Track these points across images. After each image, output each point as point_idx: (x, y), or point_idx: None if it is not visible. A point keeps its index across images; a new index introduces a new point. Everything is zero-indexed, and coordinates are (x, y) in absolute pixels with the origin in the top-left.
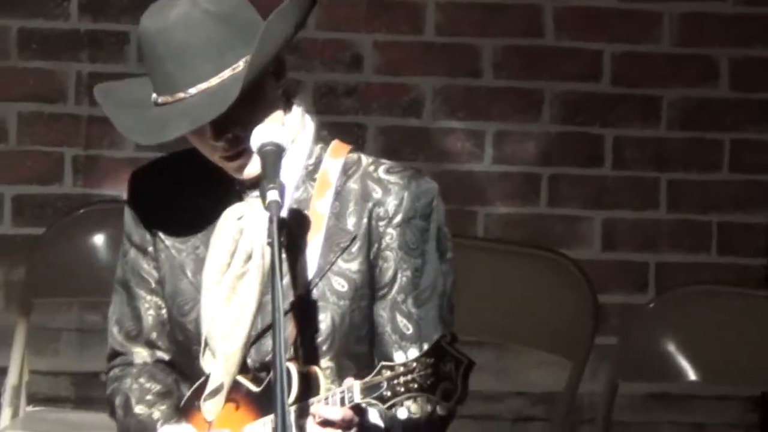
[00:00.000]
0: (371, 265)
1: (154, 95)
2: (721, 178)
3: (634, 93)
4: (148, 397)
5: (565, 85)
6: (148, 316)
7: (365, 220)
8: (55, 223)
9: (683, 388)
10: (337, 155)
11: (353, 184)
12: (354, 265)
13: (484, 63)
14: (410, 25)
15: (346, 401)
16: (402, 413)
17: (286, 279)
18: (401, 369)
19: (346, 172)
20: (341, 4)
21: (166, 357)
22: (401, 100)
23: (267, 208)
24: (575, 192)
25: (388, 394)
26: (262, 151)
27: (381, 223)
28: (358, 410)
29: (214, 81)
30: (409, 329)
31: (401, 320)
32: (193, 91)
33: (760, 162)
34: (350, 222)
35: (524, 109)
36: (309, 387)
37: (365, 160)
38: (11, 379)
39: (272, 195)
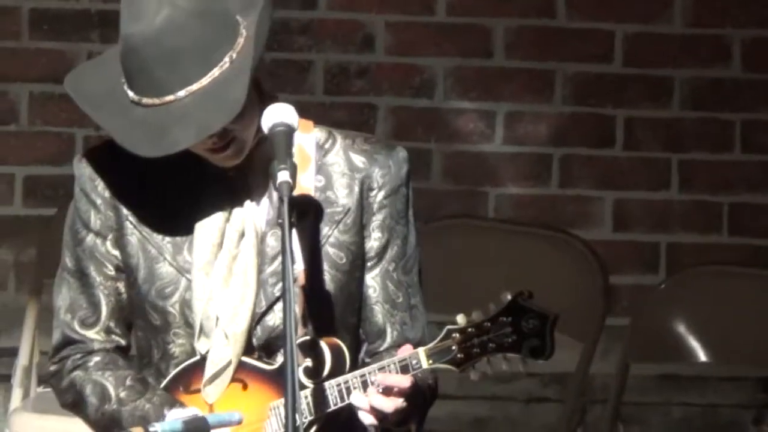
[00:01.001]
0: (363, 236)
1: (132, 94)
2: (732, 159)
3: (645, 74)
4: (129, 383)
5: (576, 66)
6: (106, 303)
7: (357, 191)
8: (67, 204)
9: (694, 369)
10: (306, 130)
11: (335, 157)
12: (349, 237)
13: (496, 44)
14: (422, 5)
15: (411, 369)
16: (474, 375)
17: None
18: (473, 330)
19: (323, 146)
20: None
21: (123, 342)
22: (413, 81)
23: (278, 188)
24: (586, 172)
25: (461, 356)
26: (273, 132)
27: (371, 194)
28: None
29: (204, 81)
30: (399, 297)
31: (392, 289)
32: (182, 93)
33: None
34: (341, 194)
35: (536, 90)
36: (338, 359)
37: (338, 134)
38: (22, 359)
39: (283, 176)
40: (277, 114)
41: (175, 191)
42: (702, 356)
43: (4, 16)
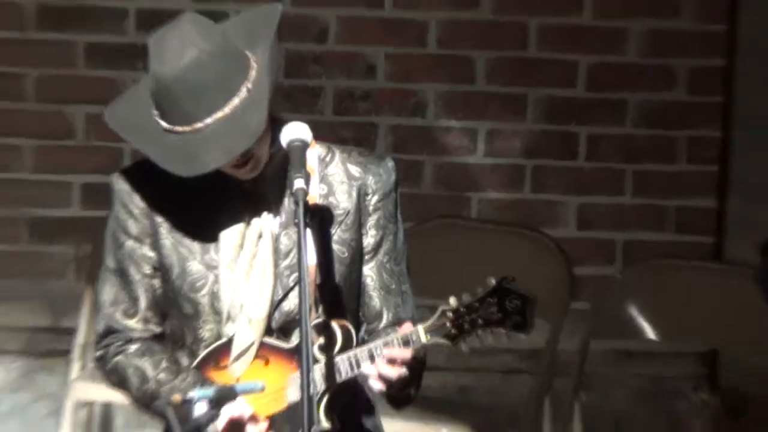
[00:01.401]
0: (361, 234)
1: (164, 124)
2: (678, 169)
3: (604, 97)
4: (165, 364)
5: (546, 91)
6: (144, 298)
7: (354, 196)
8: None
9: (645, 345)
10: (309, 147)
11: (335, 168)
12: (350, 235)
13: (478, 72)
14: (416, 39)
15: (412, 343)
16: (465, 347)
17: (292, 254)
18: (464, 310)
19: (324, 159)
20: (358, 22)
21: (158, 331)
22: (408, 103)
23: (294, 194)
24: (554, 181)
25: (454, 331)
26: (291, 146)
27: (367, 198)
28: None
29: (227, 109)
30: (393, 284)
31: (386, 277)
32: (209, 120)
33: (710, 156)
34: (341, 199)
35: (511, 111)
36: (347, 337)
37: (336, 149)
38: (79, 338)
39: (299, 183)
40: (294, 131)
41: (201, 201)
42: (651, 334)
43: (63, 48)
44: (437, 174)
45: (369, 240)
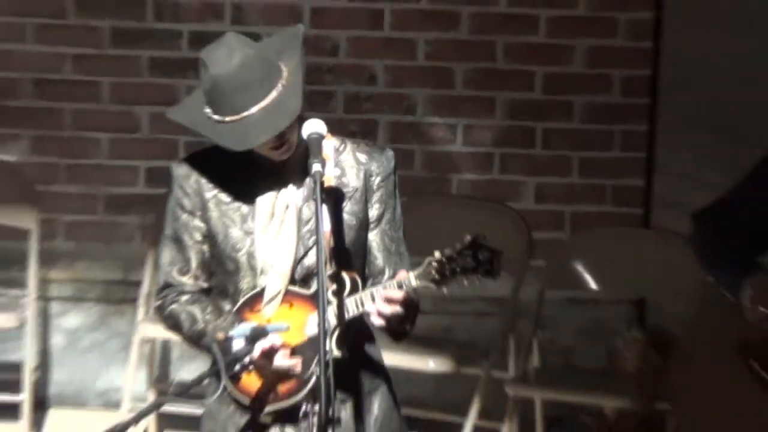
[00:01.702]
0: (367, 207)
1: (217, 117)
2: (614, 156)
3: (556, 99)
4: (210, 309)
5: (510, 94)
6: (195, 259)
7: (362, 177)
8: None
9: (588, 294)
10: (327, 139)
11: (346, 156)
12: (357, 207)
13: (457, 79)
14: (408, 54)
15: (404, 286)
16: (446, 290)
17: (312, 221)
18: (445, 260)
19: (338, 149)
20: (362, 40)
21: (205, 286)
22: (402, 104)
23: (312, 175)
24: (517, 165)
25: (438, 277)
26: (310, 138)
27: (371, 179)
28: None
29: (267, 100)
30: (392, 247)
31: (388, 242)
32: (254, 110)
33: (639, 145)
34: (352, 180)
35: (483, 110)
36: (354, 285)
37: (347, 141)
38: (144, 288)
39: (317, 167)
40: (313, 126)
41: (240, 182)
42: (593, 286)
43: (131, 61)
44: (425, 160)
45: (373, 212)
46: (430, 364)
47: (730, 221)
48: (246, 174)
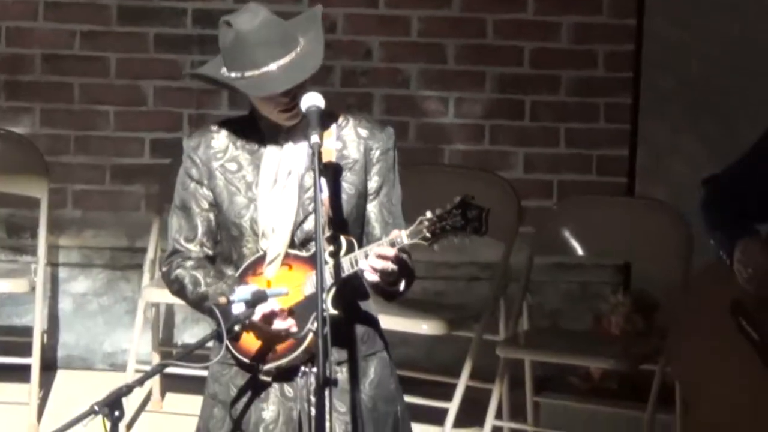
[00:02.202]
0: (366, 179)
1: (234, 74)
2: (599, 128)
3: (543, 73)
4: (213, 274)
5: (500, 69)
6: (201, 227)
7: (362, 150)
8: (177, 157)
9: (574, 259)
10: (332, 115)
11: (348, 131)
12: (357, 178)
13: (449, 55)
14: (402, 30)
15: (396, 243)
16: (437, 247)
17: (312, 188)
18: (435, 219)
19: (340, 125)
20: (359, 17)
21: (210, 253)
22: (396, 78)
23: (311, 145)
24: (507, 136)
25: (429, 235)
26: (308, 110)
27: (371, 152)
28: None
29: (287, 59)
30: (390, 219)
31: (386, 213)
32: (273, 66)
33: (623, 117)
34: (352, 153)
35: (474, 84)
36: (350, 246)
37: (350, 117)
38: (149, 254)
39: (315, 138)
40: (311, 99)
41: (246, 152)
42: (580, 251)
43: (137, 37)
44: (418, 131)
45: (372, 184)
46: (424, 327)
47: (735, 188)
48: (251, 145)
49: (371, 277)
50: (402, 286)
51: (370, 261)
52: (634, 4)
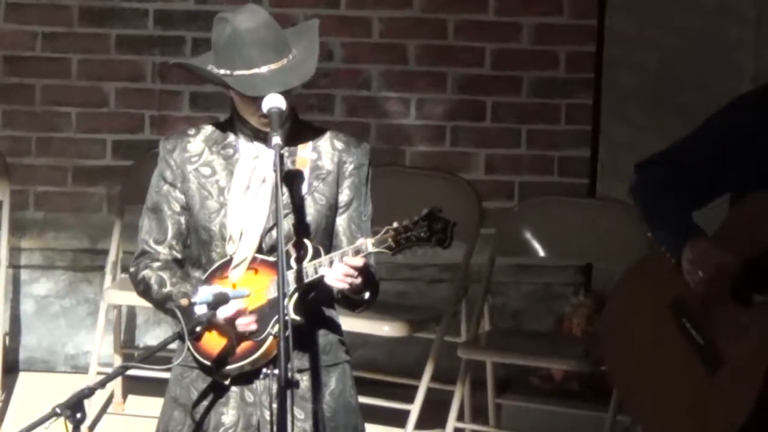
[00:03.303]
0: (338, 191)
1: (223, 71)
2: (560, 129)
3: (504, 74)
4: (179, 275)
5: (461, 70)
6: (171, 229)
7: (336, 162)
8: (139, 158)
9: (536, 260)
10: (307, 126)
11: (324, 142)
12: (328, 189)
13: (410, 55)
14: (363, 31)
15: (361, 252)
16: (401, 257)
17: (287, 195)
18: (402, 229)
19: (317, 135)
20: (321, 18)
21: (179, 257)
22: (357, 79)
23: (272, 147)
24: (468, 137)
25: (393, 244)
26: (270, 111)
27: (344, 166)
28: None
29: (278, 64)
30: (357, 233)
31: (354, 227)
32: (264, 68)
33: (585, 118)
34: (326, 164)
35: (435, 85)
36: (315, 253)
37: (327, 130)
38: (111, 256)
39: (276, 139)
40: (273, 100)
41: (220, 157)
42: (541, 252)
43: (99, 39)
44: (380, 132)
45: (343, 197)
46: (385, 328)
47: (673, 171)
48: (227, 151)
49: (336, 284)
50: (367, 295)
51: (335, 269)
52: (594, 4)
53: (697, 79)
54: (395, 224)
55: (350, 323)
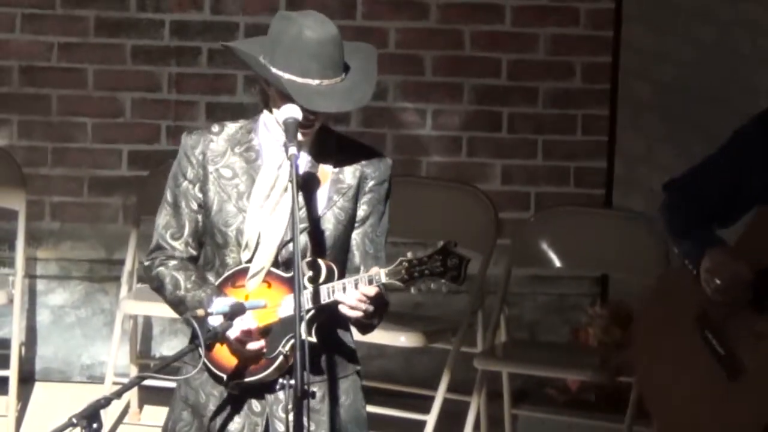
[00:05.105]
0: (356, 206)
1: (275, 69)
2: (576, 140)
3: (521, 85)
4: (194, 278)
5: (477, 80)
6: (189, 226)
7: (357, 176)
8: (154, 168)
9: (552, 271)
10: (330, 135)
11: (346, 156)
12: (349, 204)
13: (426, 66)
14: (380, 42)
15: (375, 281)
16: (414, 290)
17: (304, 209)
18: (416, 262)
19: (340, 148)
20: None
21: (194, 254)
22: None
23: (289, 158)
24: (484, 148)
25: (407, 276)
26: (286, 122)
27: (366, 182)
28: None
29: (330, 81)
30: (371, 250)
31: (368, 243)
32: (316, 81)
33: (601, 129)
34: (347, 178)
35: (452, 95)
36: (330, 273)
37: (353, 142)
38: (127, 266)
39: (292, 149)
40: (289, 111)
41: (242, 160)
42: (557, 263)
43: (115, 49)
44: (396, 143)
45: (360, 212)
46: (401, 339)
47: (696, 191)
48: (249, 154)
49: (348, 312)
50: (376, 321)
51: (348, 296)
52: (611, 15)
53: (713, 92)
54: (409, 255)
55: (367, 335)
